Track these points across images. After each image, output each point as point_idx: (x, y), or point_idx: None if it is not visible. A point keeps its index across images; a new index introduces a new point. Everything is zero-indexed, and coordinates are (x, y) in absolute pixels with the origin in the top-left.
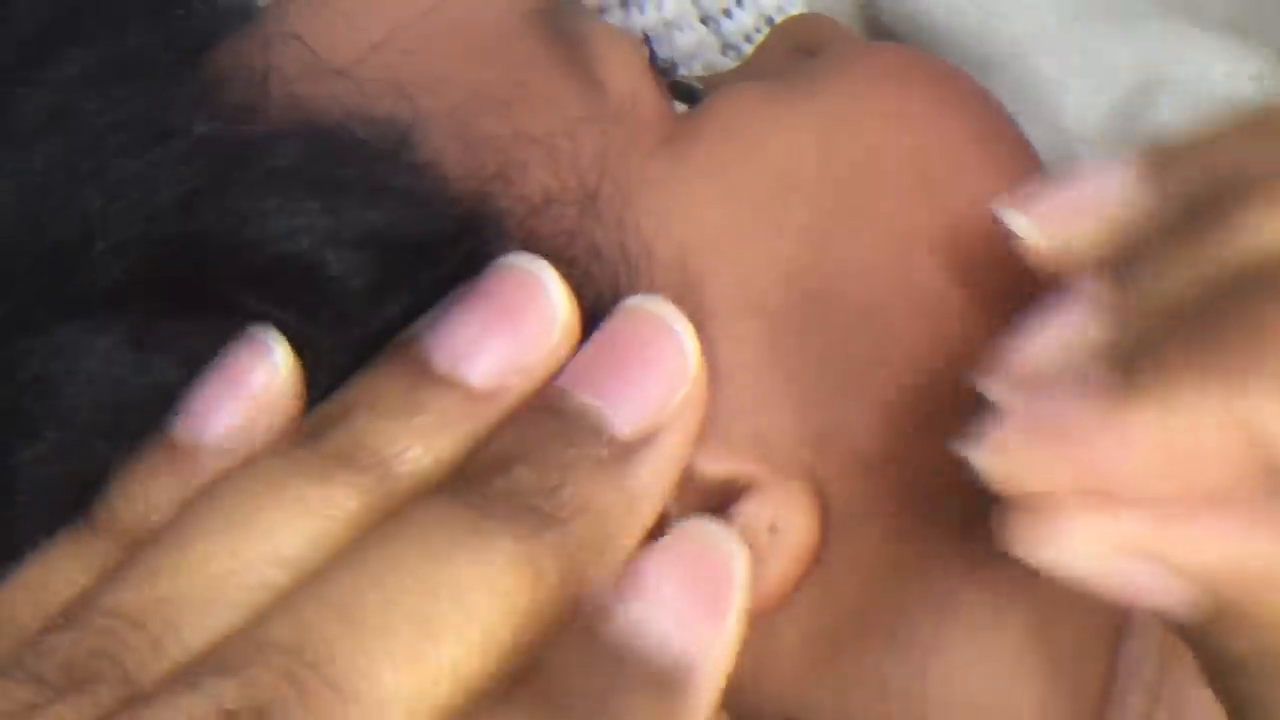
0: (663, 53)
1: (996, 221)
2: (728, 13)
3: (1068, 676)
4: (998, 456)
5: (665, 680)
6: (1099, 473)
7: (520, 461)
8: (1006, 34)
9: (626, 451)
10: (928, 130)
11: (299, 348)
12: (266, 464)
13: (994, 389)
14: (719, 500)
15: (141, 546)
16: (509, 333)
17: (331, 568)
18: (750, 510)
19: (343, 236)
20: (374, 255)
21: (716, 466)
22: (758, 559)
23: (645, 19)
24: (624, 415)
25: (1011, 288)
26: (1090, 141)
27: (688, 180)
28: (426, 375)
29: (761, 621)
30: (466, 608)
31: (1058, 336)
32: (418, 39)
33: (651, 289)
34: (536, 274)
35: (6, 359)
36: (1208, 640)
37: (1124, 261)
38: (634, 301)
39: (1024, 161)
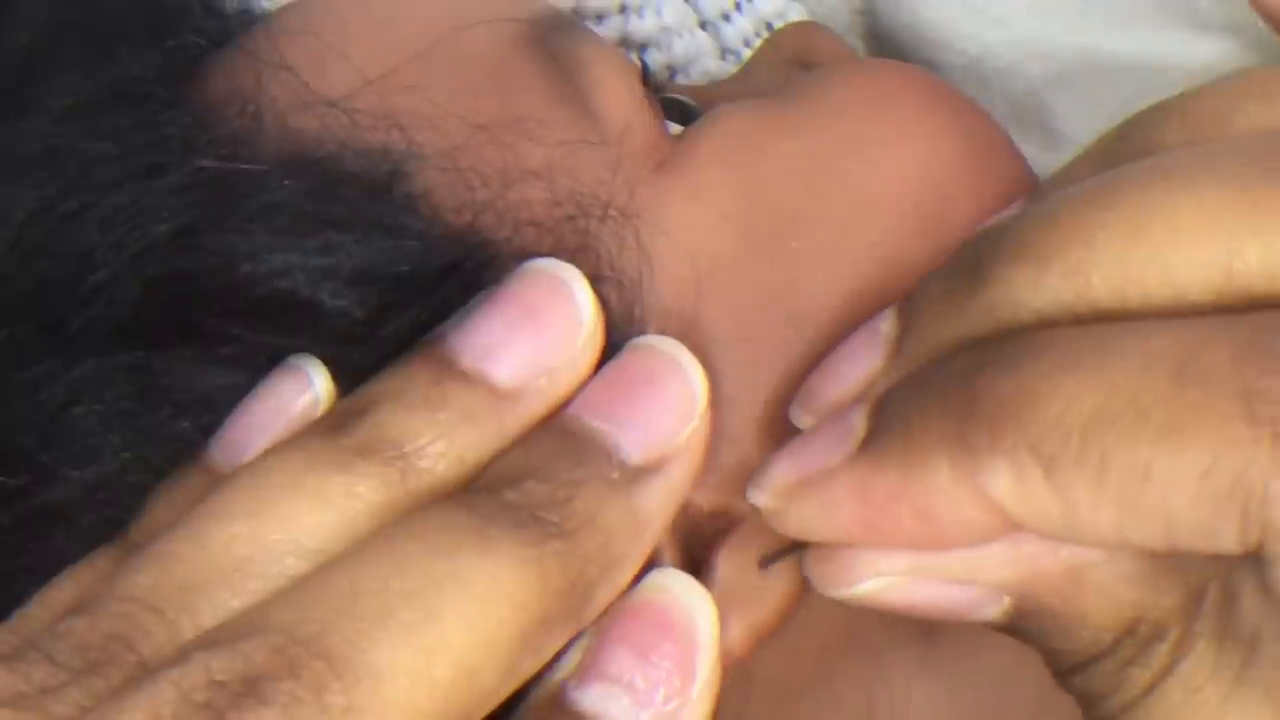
0: (661, 58)
1: None
2: (727, 18)
3: (1057, 701)
4: (767, 498)
5: None
6: (850, 523)
7: (531, 476)
8: (1005, 40)
9: (635, 476)
10: (922, 156)
11: None
12: (288, 454)
13: (799, 418)
14: (710, 533)
15: (160, 534)
16: (535, 333)
17: (337, 560)
18: (739, 546)
19: (337, 273)
20: (368, 290)
21: (707, 498)
22: (747, 599)
23: (644, 24)
24: (634, 442)
25: None
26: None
27: (680, 207)
28: (451, 371)
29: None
30: (469, 598)
31: (850, 371)
32: (409, 70)
33: (650, 316)
34: (564, 278)
35: (7, 394)
36: (1035, 643)
37: (910, 298)
38: (646, 339)
39: (1020, 183)
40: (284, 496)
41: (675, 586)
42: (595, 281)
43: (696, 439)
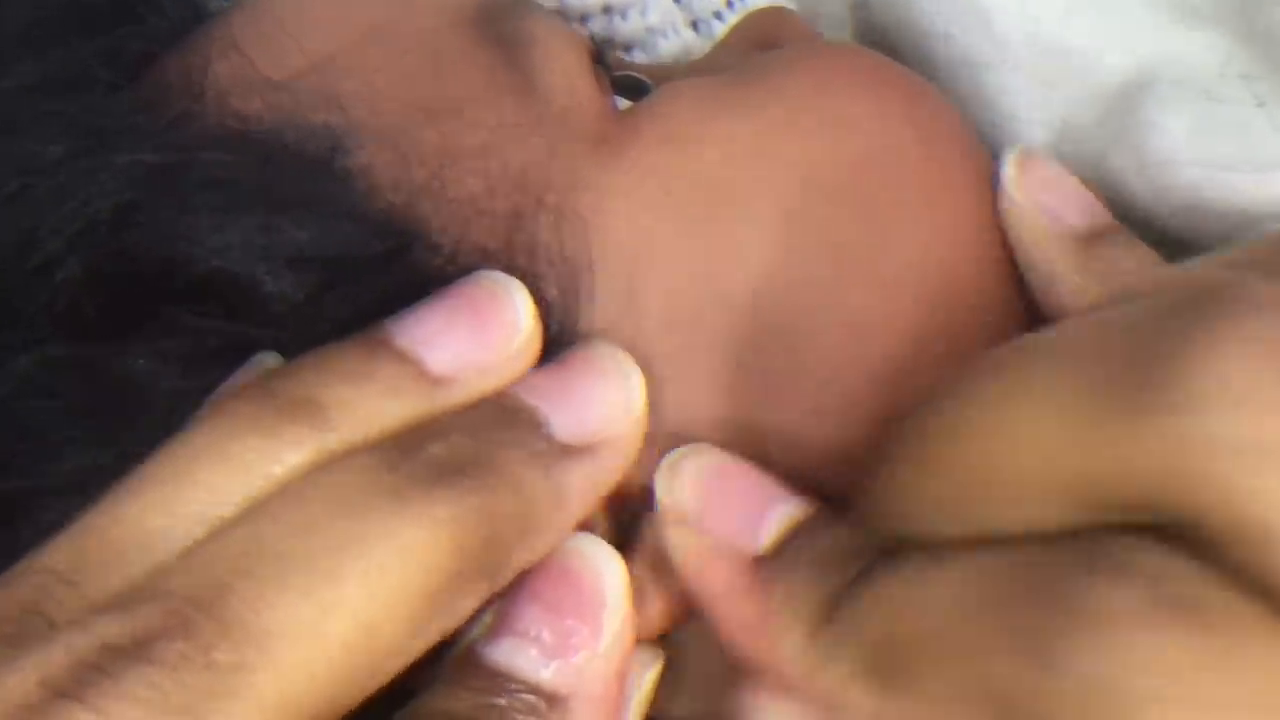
0: (646, 59)
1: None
2: (718, 15)
3: None
4: (666, 519)
5: (539, 708)
6: (706, 589)
7: (458, 432)
8: (995, 34)
9: (562, 452)
10: (871, 140)
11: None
12: (212, 420)
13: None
14: (640, 505)
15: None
16: (473, 330)
17: (242, 517)
18: None
19: (275, 253)
20: (307, 271)
21: (637, 474)
22: (671, 566)
23: (628, 25)
24: (564, 422)
25: (946, 306)
26: (1080, 141)
27: (621, 184)
28: (386, 349)
29: (679, 634)
30: (373, 559)
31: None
32: (355, 49)
33: (589, 295)
34: (507, 286)
35: None
36: None
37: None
38: (595, 342)
39: (975, 172)
40: (203, 463)
41: (583, 547)
42: (532, 260)
43: (631, 435)
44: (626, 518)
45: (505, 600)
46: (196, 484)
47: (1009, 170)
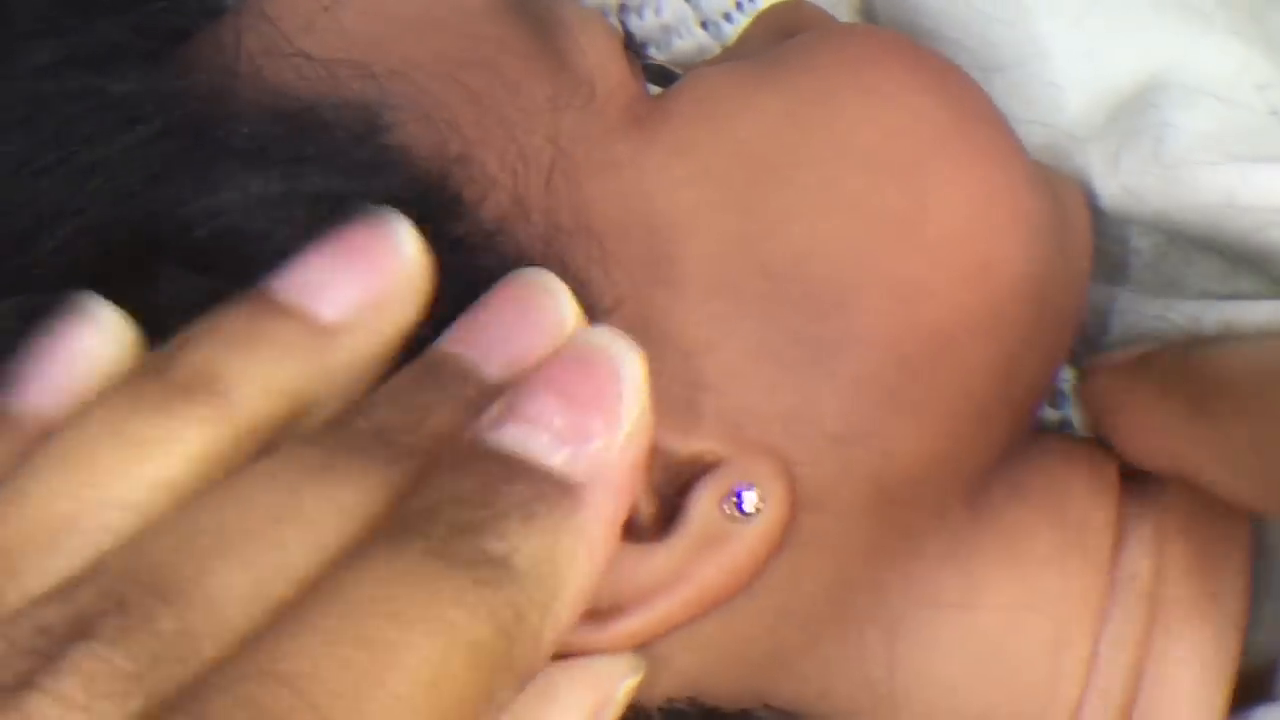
0: (661, 58)
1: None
2: (728, 17)
3: (1043, 664)
4: None
5: (551, 496)
6: None
7: (384, 402)
8: (1007, 36)
9: (495, 395)
10: (900, 109)
11: None
12: (109, 401)
13: None
14: (687, 477)
15: None
16: (357, 268)
17: (178, 509)
18: (713, 489)
19: (295, 203)
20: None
21: (683, 444)
22: (721, 540)
23: (644, 23)
24: (493, 360)
25: (986, 272)
26: (1089, 141)
27: (657, 160)
28: (269, 308)
29: (728, 603)
30: (310, 525)
31: None
32: (389, 22)
33: (621, 269)
34: (386, 219)
35: None
36: None
37: None
38: (517, 271)
39: (1002, 141)
40: (105, 446)
41: (598, 336)
42: (556, 236)
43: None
44: (672, 493)
45: (513, 391)
46: (100, 468)
47: None
